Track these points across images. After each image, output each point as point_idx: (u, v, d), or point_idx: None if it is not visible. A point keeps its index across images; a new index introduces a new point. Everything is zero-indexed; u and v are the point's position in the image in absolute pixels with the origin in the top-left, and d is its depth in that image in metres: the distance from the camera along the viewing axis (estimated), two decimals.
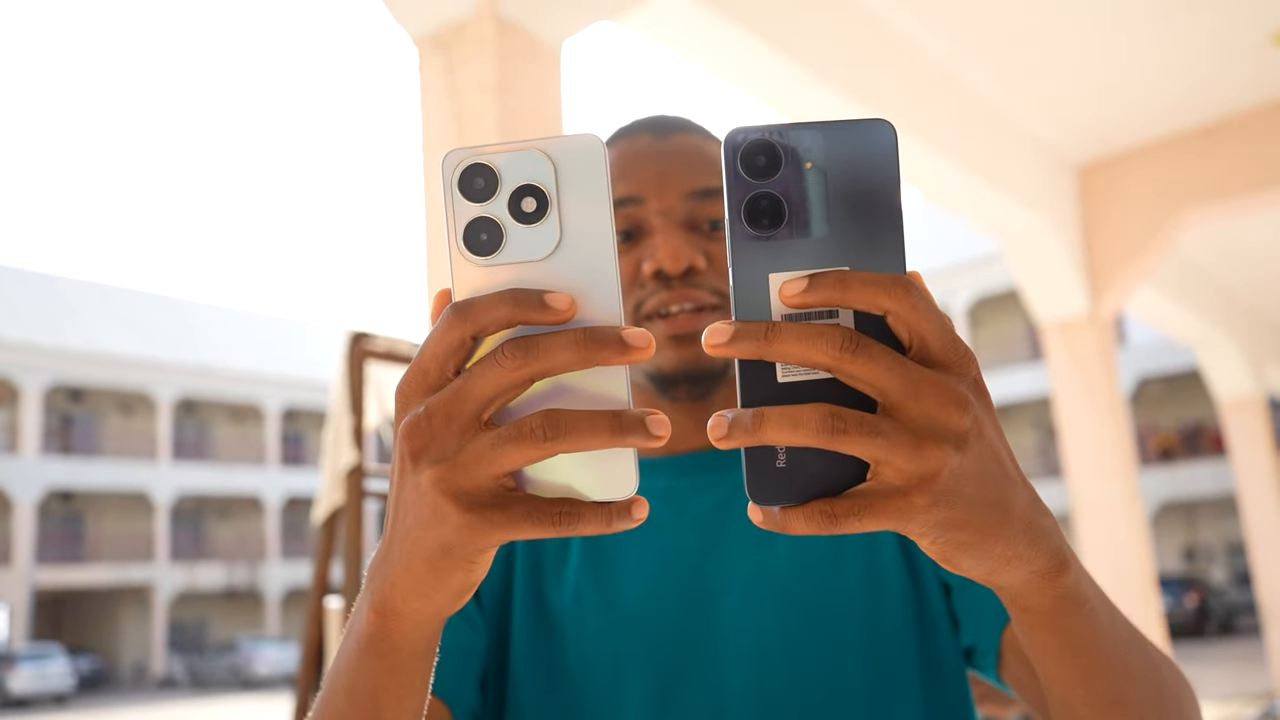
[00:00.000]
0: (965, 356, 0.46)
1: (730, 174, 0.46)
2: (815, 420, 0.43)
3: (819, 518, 0.45)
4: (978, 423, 0.45)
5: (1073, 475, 5.54)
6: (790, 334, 0.43)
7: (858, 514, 0.44)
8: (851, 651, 0.85)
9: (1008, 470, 0.48)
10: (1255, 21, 4.42)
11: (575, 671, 0.86)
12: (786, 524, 0.45)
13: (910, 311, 0.44)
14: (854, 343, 0.43)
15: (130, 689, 30.35)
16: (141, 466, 31.55)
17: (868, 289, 0.44)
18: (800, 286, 0.44)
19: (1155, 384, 27.79)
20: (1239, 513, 14.77)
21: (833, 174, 0.46)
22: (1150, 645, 0.62)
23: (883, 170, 0.46)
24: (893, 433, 0.43)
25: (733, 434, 0.44)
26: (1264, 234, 7.11)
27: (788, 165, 0.45)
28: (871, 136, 0.46)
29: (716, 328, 0.44)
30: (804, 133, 0.46)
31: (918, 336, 0.45)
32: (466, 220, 0.46)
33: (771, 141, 0.45)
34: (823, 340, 0.43)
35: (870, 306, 0.44)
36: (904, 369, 0.44)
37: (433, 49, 2.67)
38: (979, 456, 0.46)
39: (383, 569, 0.50)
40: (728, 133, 0.46)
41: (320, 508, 3.13)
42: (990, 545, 0.47)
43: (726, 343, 0.44)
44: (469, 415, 0.45)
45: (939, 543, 0.47)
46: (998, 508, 0.47)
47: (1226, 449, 12.22)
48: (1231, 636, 22.09)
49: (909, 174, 4.56)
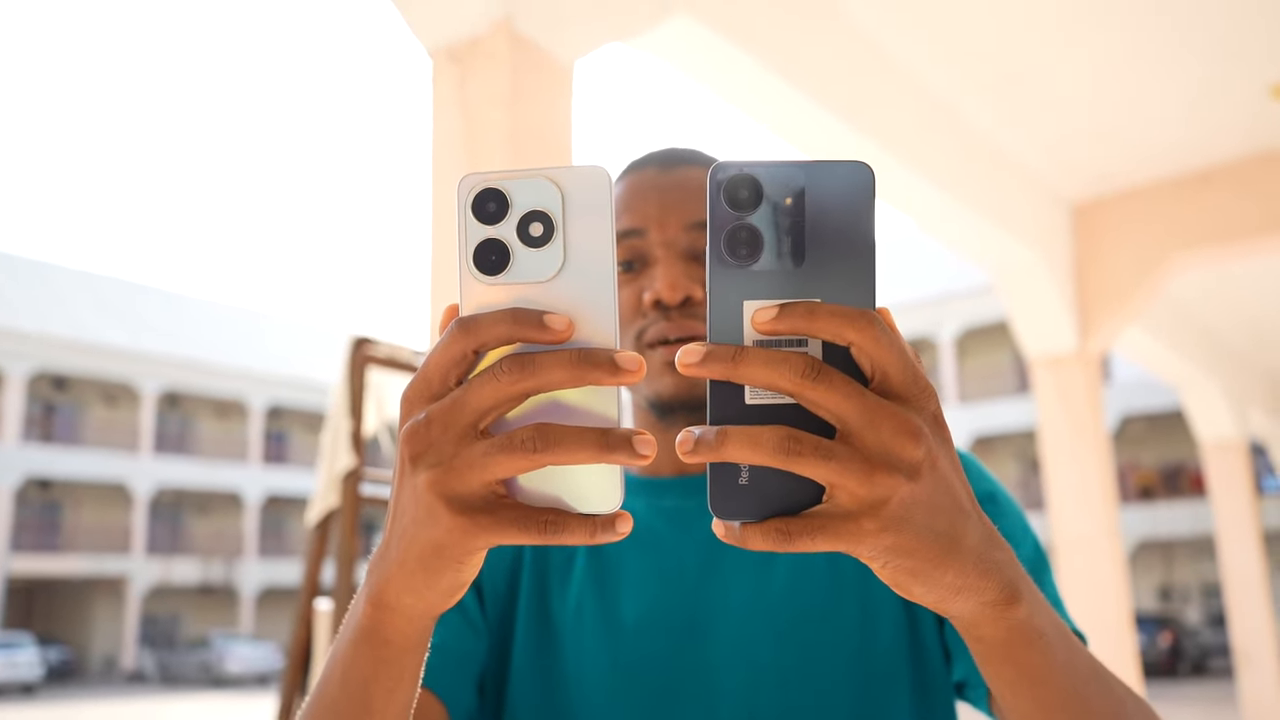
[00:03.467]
0: (925, 391, 0.48)
1: (713, 205, 0.48)
2: (773, 441, 0.45)
3: (774, 535, 0.47)
4: (931, 454, 0.47)
5: (1055, 509, 5.57)
6: (757, 358, 0.46)
7: (810, 534, 0.46)
8: (844, 682, 0.86)
9: (960, 502, 0.49)
10: (1254, 72, 4.50)
11: (572, 684, 0.88)
12: (745, 539, 0.48)
13: (873, 344, 0.47)
14: (815, 370, 0.45)
15: (99, 681, 30.08)
16: (122, 458, 31.37)
17: (834, 320, 0.46)
18: (771, 314, 0.47)
19: (1138, 422, 27.93)
20: (1216, 554, 14.84)
21: (810, 210, 0.48)
22: (1115, 681, 0.63)
23: (858, 210, 0.48)
24: (846, 458, 0.46)
25: (698, 449, 0.46)
26: (1253, 279, 7.17)
27: (768, 200, 0.48)
28: (850, 178, 0.48)
29: (690, 348, 0.47)
30: (785, 170, 0.48)
31: (879, 369, 0.47)
32: (477, 241, 0.49)
33: (754, 176, 0.48)
34: (786, 366, 0.45)
35: (835, 337, 0.47)
36: (862, 398, 0.46)
37: (447, 61, 2.70)
38: (931, 487, 0.47)
39: (380, 565, 0.53)
40: (714, 165, 0.48)
41: (314, 510, 3.13)
42: (940, 574, 0.49)
43: (698, 363, 0.46)
44: (466, 424, 0.47)
45: (889, 568, 0.48)
46: (948, 538, 0.48)
47: (1206, 490, 12.28)
48: (1204, 677, 22.14)
49: (905, 203, 4.60)
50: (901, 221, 5.93)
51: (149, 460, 31.88)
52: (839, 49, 3.89)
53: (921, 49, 4.22)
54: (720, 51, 3.26)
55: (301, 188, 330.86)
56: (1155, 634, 21.98)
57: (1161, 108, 4.83)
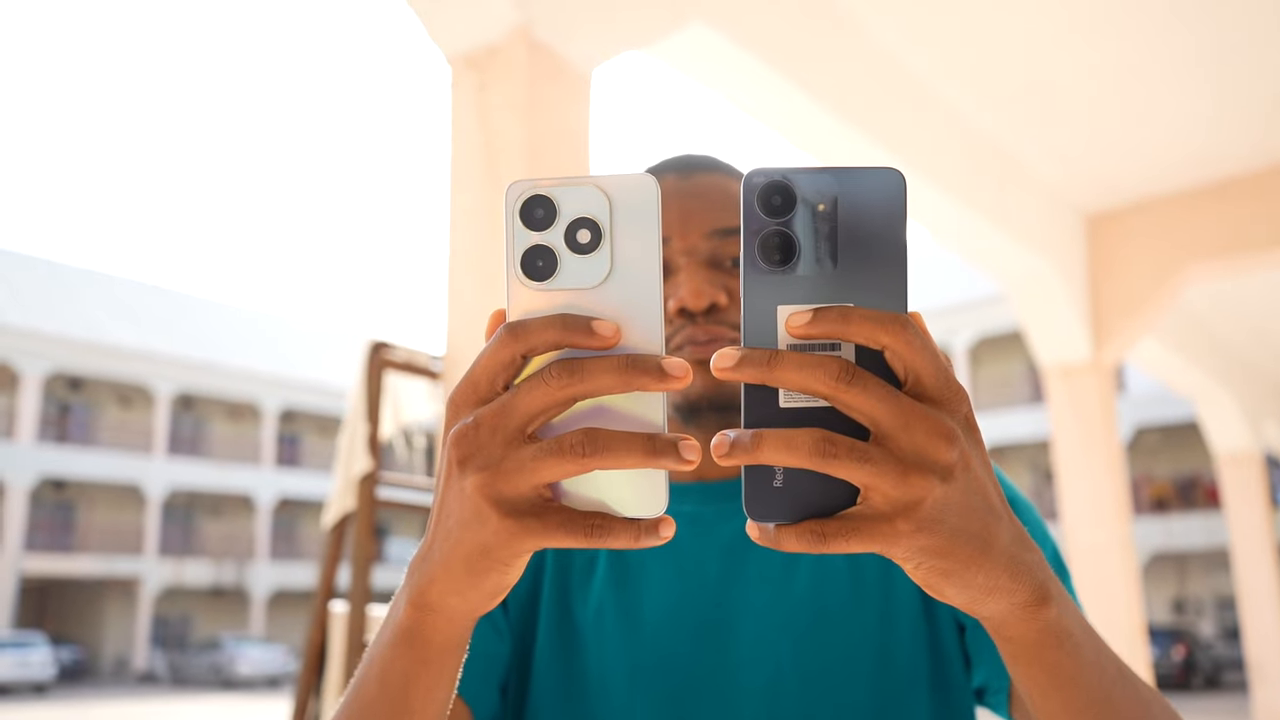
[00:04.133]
0: (958, 394, 0.49)
1: (747, 211, 0.49)
2: (809, 443, 0.46)
3: (809, 536, 0.47)
4: (964, 457, 0.48)
5: (1068, 520, 5.56)
6: (791, 362, 0.46)
7: (845, 535, 0.47)
8: (864, 684, 0.86)
9: (992, 505, 0.50)
10: (1269, 85, 4.49)
11: (593, 686, 0.88)
12: (780, 541, 0.48)
13: (906, 348, 0.47)
14: (850, 374, 0.46)
15: (110, 682, 30.18)
16: (136, 459, 31.50)
17: (868, 325, 0.47)
18: (805, 319, 0.47)
19: (1152, 433, 27.78)
20: (1230, 567, 14.73)
21: (843, 216, 0.48)
22: (1141, 684, 0.64)
23: (890, 215, 0.49)
24: (881, 460, 0.46)
25: (733, 452, 0.47)
26: (1267, 291, 7.15)
27: (801, 206, 0.49)
28: (882, 183, 0.49)
29: (724, 352, 0.47)
30: (819, 176, 0.49)
31: (912, 372, 0.48)
32: (525, 247, 0.49)
33: (787, 183, 0.49)
34: (821, 370, 0.46)
35: (869, 341, 0.47)
36: (896, 401, 0.46)
37: (465, 68, 2.72)
38: (964, 489, 0.48)
39: (423, 566, 0.53)
40: (748, 172, 0.49)
41: (330, 513, 3.14)
42: (971, 575, 0.49)
43: (733, 367, 0.47)
44: (514, 428, 0.48)
45: (922, 569, 0.49)
46: (980, 539, 0.49)
47: (1221, 502, 12.21)
48: (1217, 691, 21.98)
49: (920, 214, 4.61)
50: (916, 231, 5.94)
51: (162, 461, 32.00)
52: (854, 58, 3.91)
53: (936, 59, 4.23)
54: (735, 60, 3.28)
55: (320, 192, 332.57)
56: (1169, 647, 21.84)
57: (1176, 120, 4.83)
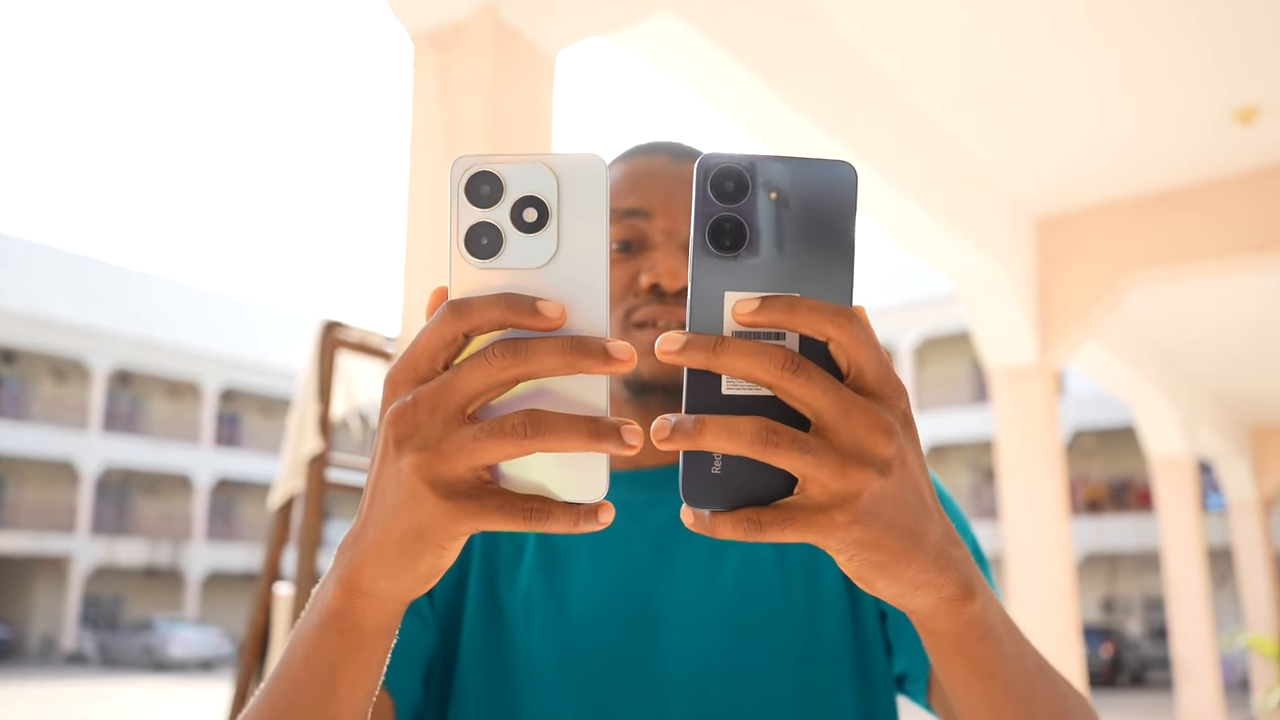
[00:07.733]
0: (897, 389, 0.49)
1: (699, 195, 0.48)
2: (751, 431, 0.46)
3: (745, 524, 0.47)
4: (901, 452, 0.48)
5: (1009, 520, 5.64)
6: (737, 349, 0.46)
7: (781, 524, 0.47)
8: (790, 673, 0.87)
9: (925, 500, 0.50)
10: (1220, 96, 4.59)
11: (520, 673, 0.88)
12: (715, 528, 0.48)
13: (851, 341, 0.47)
14: (794, 363, 0.46)
15: (37, 662, 29.55)
16: (70, 435, 30.81)
17: (814, 315, 0.47)
18: (752, 306, 0.47)
19: (1089, 436, 28.37)
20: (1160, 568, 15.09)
21: (794, 206, 0.48)
22: (1058, 677, 0.65)
23: (841, 208, 0.48)
24: (822, 451, 0.46)
25: (674, 437, 0.46)
26: (1209, 301, 7.31)
27: (753, 193, 0.48)
28: (834, 175, 0.48)
29: (669, 336, 0.47)
30: (772, 164, 0.48)
31: (855, 365, 0.48)
32: (469, 224, 0.48)
33: (740, 169, 0.48)
34: (766, 358, 0.46)
35: (815, 332, 0.47)
36: (839, 393, 0.46)
37: (429, 47, 2.68)
38: (900, 484, 0.48)
39: (354, 548, 0.52)
40: (701, 156, 0.48)
41: (277, 493, 3.09)
42: (902, 569, 0.49)
43: (677, 350, 0.46)
44: (454, 407, 0.47)
45: (854, 561, 0.49)
46: (912, 534, 0.49)
47: (1153, 505, 12.51)
48: (1143, 689, 22.56)
49: (876, 211, 4.64)
50: (868, 228, 5.99)
51: (97, 438, 31.34)
52: (818, 54, 3.92)
53: (898, 59, 4.26)
54: (700, 50, 3.27)
55: (273, 169, 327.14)
56: (1098, 645, 22.39)
57: (1128, 127, 4.92)
